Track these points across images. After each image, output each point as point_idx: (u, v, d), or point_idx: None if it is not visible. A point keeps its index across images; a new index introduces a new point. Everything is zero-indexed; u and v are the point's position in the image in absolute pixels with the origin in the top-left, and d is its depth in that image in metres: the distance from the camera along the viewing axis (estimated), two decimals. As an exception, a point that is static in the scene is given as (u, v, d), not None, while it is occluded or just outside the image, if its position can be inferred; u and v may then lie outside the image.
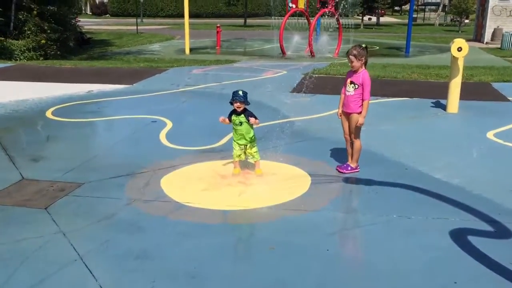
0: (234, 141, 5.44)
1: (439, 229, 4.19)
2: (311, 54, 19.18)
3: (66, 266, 3.59)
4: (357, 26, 40.29)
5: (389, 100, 9.56)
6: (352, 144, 5.56)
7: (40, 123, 7.71)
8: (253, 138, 5.40)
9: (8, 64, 14.17)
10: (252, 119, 5.24)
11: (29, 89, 10.30)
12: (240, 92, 5.24)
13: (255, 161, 5.47)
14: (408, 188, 5.11)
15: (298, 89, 10.55)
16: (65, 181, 5.27)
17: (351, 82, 5.36)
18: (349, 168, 5.53)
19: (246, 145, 5.39)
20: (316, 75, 12.20)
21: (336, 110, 5.74)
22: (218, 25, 24.55)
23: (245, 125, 5.31)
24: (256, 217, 4.49)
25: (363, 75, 5.31)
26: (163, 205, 4.69)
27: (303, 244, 3.94)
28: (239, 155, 5.44)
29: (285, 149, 6.35)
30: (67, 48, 19.05)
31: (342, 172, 5.51)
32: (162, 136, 6.94)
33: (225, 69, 13.80)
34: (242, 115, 5.29)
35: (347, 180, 5.34)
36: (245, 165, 5.58)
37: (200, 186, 5.18)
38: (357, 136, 5.50)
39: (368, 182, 5.26)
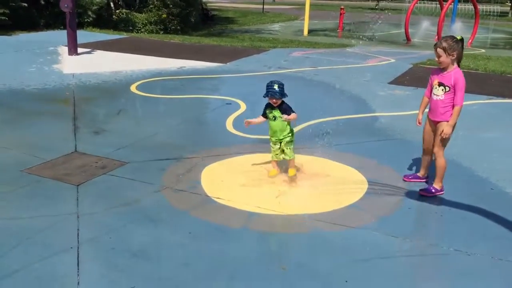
0: (270, 138, 4.78)
1: (503, 275, 3.27)
2: (438, 42, 17.40)
3: (58, 253, 3.38)
4: (503, 14, 36.14)
5: (506, 102, 8.13)
6: (432, 157, 4.59)
7: (120, 96, 7.79)
8: (288, 135, 4.66)
9: (124, 35, 14.83)
10: (284, 116, 4.49)
11: (128, 61, 10.58)
12: (275, 87, 4.46)
13: (288, 160, 4.74)
14: (486, 214, 4.13)
15: (398, 80, 9.46)
16: (112, 158, 5.14)
17: (440, 84, 4.35)
18: (433, 191, 4.48)
19: (281, 141, 4.68)
20: (428, 66, 10.92)
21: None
22: (342, 7, 23.52)
23: (280, 121, 4.60)
24: (283, 226, 3.92)
25: (456, 75, 4.27)
26: (191, 198, 4.32)
27: (321, 269, 3.29)
28: (276, 154, 4.75)
29: (353, 148, 5.62)
30: (189, 23, 19.53)
31: (424, 196, 4.46)
32: (229, 120, 6.57)
33: (330, 53, 13.00)
34: (277, 109, 4.57)
35: (410, 195, 4.48)
36: (299, 161, 4.97)
37: (240, 180, 4.71)
38: (442, 150, 4.45)
39: (436, 201, 4.36)
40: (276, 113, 4.58)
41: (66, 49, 10.97)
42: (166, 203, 4.20)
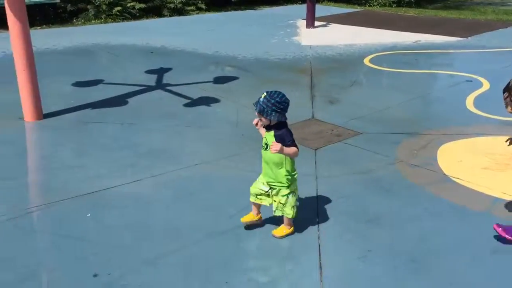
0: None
1: None
2: None
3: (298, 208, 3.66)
4: None
5: None
6: None
7: (354, 68, 7.89)
8: (285, 175, 3.18)
9: (357, 9, 14.88)
10: (273, 146, 3.01)
11: (361, 34, 10.62)
12: (262, 96, 3.07)
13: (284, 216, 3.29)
14: None
15: None
16: (346, 128, 5.30)
17: None
18: None
19: (274, 187, 3.22)
20: None
21: None
22: None
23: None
24: (532, 216, 3.52)
25: None
26: (427, 174, 4.19)
27: None
28: (258, 195, 3.28)
29: None
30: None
31: None
32: (470, 98, 6.12)
33: None
34: (272, 133, 3.15)
35: None
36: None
37: (482, 162, 4.38)
38: None
39: None
40: (270, 137, 3.12)
41: (303, 22, 11.54)
42: (400, 176, 4.17)
